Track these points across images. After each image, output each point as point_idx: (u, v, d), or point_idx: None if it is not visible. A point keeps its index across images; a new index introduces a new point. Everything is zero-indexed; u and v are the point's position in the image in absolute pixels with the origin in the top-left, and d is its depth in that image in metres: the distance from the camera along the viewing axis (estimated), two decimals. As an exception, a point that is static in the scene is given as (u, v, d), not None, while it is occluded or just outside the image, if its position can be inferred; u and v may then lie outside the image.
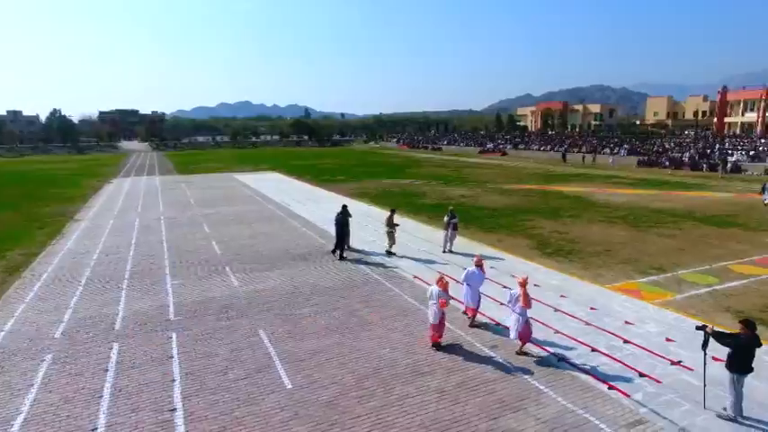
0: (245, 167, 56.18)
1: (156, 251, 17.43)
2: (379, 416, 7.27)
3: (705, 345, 7.12)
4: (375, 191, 33.36)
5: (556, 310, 11.25)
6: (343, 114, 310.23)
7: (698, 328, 7.27)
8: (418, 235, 19.27)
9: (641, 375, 8.27)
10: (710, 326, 7.13)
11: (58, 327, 10.77)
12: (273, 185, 37.80)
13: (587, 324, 10.43)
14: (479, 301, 10.37)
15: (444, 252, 16.59)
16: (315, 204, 27.62)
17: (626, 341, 9.55)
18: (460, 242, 17.92)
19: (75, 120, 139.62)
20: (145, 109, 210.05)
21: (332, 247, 16.60)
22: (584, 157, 55.17)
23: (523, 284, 9.00)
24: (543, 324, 10.40)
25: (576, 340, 9.64)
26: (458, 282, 11.33)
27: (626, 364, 8.64)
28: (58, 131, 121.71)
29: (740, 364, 6.82)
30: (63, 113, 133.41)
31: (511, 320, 9.23)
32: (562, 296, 12.14)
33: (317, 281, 13.69)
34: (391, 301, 12.04)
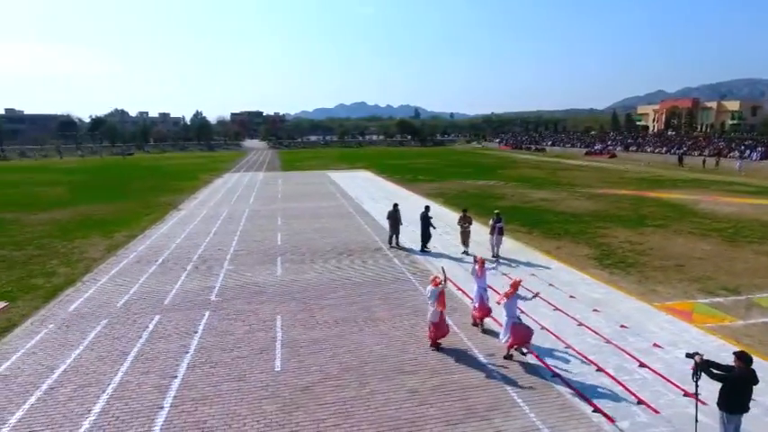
0: (342, 165, 58.86)
1: (227, 239, 19.35)
2: (343, 407, 7.55)
3: (695, 375, 6.25)
4: (454, 191, 33.05)
5: (580, 323, 10.48)
6: (452, 114, 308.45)
7: (688, 355, 6.40)
8: (474, 237, 18.84)
9: (639, 402, 7.49)
10: (700, 354, 6.24)
11: (123, 298, 12.65)
12: (358, 183, 39.25)
13: (607, 342, 9.59)
14: (482, 302, 10.06)
15: (493, 256, 16.12)
16: (387, 203, 28.13)
17: (642, 364, 8.65)
18: (514, 246, 17.31)
19: (213, 120, 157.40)
20: (271, 110, 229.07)
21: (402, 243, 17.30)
22: (704, 161, 48.74)
23: (513, 286, 8.70)
24: (556, 337, 9.81)
25: (585, 357, 8.96)
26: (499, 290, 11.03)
27: (628, 389, 7.86)
28: (196, 131, 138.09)
29: (731, 401, 5.91)
30: (204, 115, 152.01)
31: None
32: (595, 310, 11.22)
33: (352, 275, 14.23)
34: (410, 299, 12.15)
